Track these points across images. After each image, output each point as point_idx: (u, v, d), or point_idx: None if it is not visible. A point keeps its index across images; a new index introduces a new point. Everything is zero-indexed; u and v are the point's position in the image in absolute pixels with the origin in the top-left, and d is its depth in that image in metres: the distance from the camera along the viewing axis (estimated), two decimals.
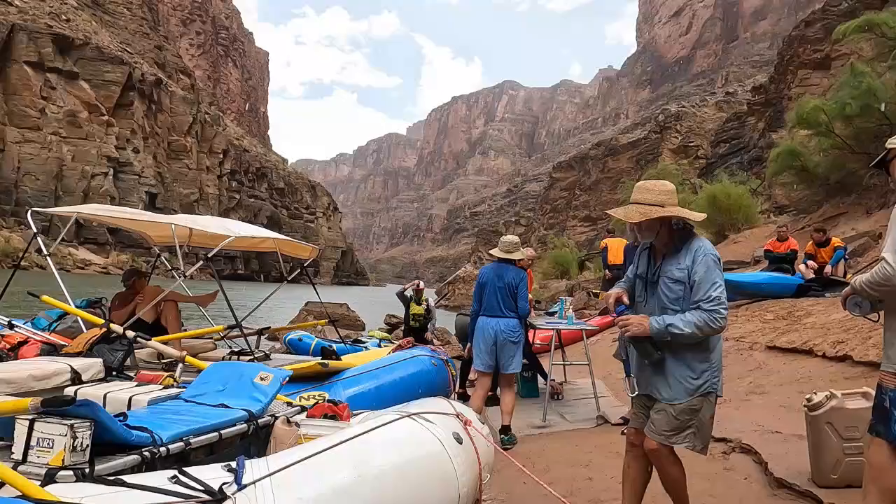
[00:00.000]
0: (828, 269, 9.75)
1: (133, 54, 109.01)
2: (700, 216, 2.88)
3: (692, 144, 72.61)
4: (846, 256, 10.35)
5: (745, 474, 3.78)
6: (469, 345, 5.48)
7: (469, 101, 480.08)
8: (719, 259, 2.73)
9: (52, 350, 4.42)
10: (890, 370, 2.52)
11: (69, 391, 3.28)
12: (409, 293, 9.20)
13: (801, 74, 35.16)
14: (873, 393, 3.33)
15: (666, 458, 2.75)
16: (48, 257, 5.54)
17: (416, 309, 9.10)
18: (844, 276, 9.86)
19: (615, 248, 10.49)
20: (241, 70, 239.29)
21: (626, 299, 2.95)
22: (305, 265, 7.27)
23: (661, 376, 2.75)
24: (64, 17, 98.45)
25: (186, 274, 5.62)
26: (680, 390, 2.69)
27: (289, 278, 7.58)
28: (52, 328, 5.21)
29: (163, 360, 4.67)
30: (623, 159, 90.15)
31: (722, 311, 2.60)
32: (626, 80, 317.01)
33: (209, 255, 5.38)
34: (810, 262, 10.01)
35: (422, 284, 9.55)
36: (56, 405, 1.94)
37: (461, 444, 2.52)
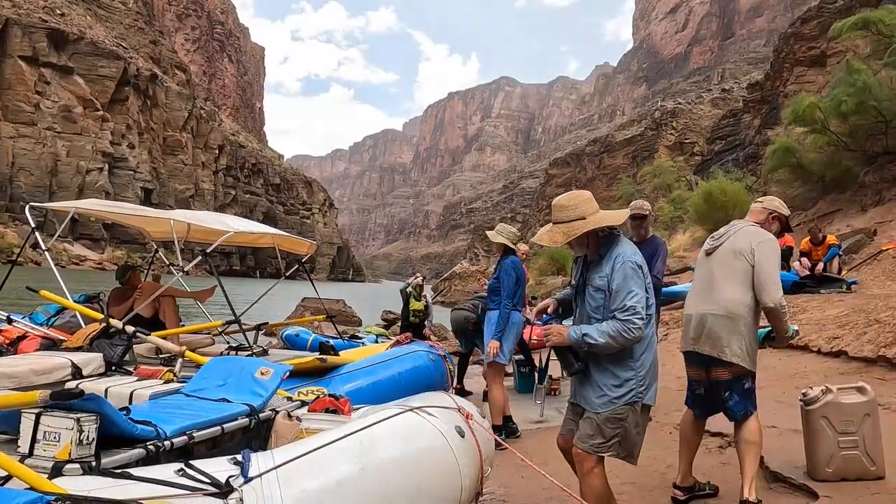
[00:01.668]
0: (820, 266, 9.82)
1: (128, 49, 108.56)
2: (622, 216, 2.84)
3: (688, 141, 72.66)
4: (841, 253, 10.42)
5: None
6: (496, 342, 5.05)
7: (465, 97, 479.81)
8: (639, 266, 2.65)
9: (51, 345, 4.42)
10: (743, 365, 3.17)
11: (70, 386, 3.29)
12: (410, 290, 9.20)
13: (797, 72, 35.14)
14: (869, 388, 3.39)
15: (590, 467, 2.71)
16: (46, 252, 5.52)
17: (416, 305, 9.11)
18: (839, 272, 9.94)
19: None
20: (236, 65, 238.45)
21: (550, 310, 2.94)
22: (303, 261, 7.26)
23: (587, 385, 2.74)
24: (58, 12, 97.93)
25: (185, 269, 5.61)
26: (603, 399, 2.67)
27: (286, 274, 7.58)
28: (50, 323, 5.20)
29: (161, 355, 4.68)
30: (619, 156, 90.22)
31: (636, 321, 2.54)
32: (623, 76, 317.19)
33: (207, 251, 5.36)
34: (804, 260, 10.08)
35: (423, 280, 9.57)
36: (65, 398, 1.95)
37: (463, 437, 2.54)
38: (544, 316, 2.91)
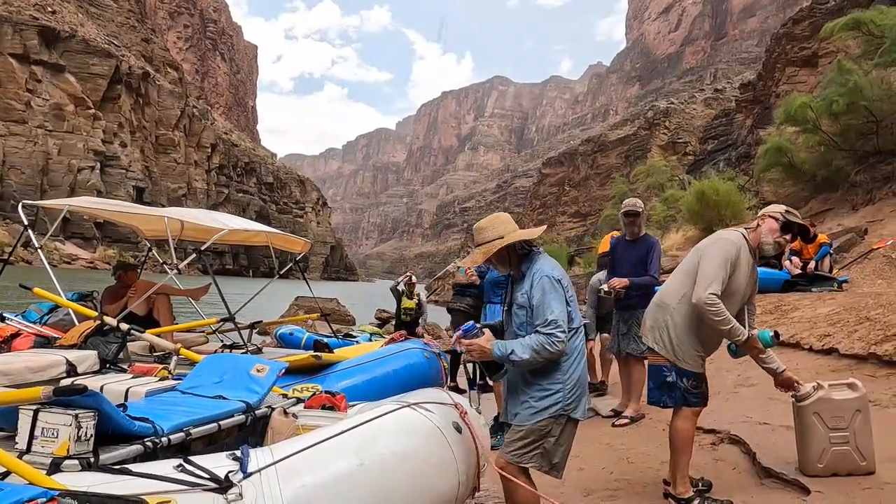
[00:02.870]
0: (811, 265, 9.90)
1: (120, 47, 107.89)
2: (538, 231, 2.89)
3: (681, 141, 72.93)
4: (832, 252, 10.50)
5: (734, 464, 3.85)
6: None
7: (459, 96, 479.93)
8: (558, 280, 2.67)
9: (45, 342, 4.41)
10: (662, 354, 3.31)
11: (65, 383, 3.28)
12: (401, 287, 9.20)
13: (789, 72, 35.36)
14: (860, 384, 3.43)
15: (514, 477, 2.68)
16: (39, 250, 5.49)
17: (408, 303, 9.11)
18: (830, 271, 10.02)
19: (604, 238, 11.10)
20: (229, 64, 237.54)
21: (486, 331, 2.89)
22: (297, 260, 7.24)
23: (515, 401, 2.77)
24: (49, 9, 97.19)
25: (178, 267, 5.59)
26: (530, 411, 2.68)
27: (280, 272, 7.55)
28: (43, 321, 5.18)
29: (155, 353, 4.67)
30: (612, 155, 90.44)
31: (558, 333, 2.55)
32: (616, 76, 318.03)
33: (202, 248, 5.35)
34: (795, 259, 10.15)
35: (414, 278, 9.56)
36: (68, 394, 1.95)
37: (460, 432, 2.56)
38: (466, 325, 2.83)
